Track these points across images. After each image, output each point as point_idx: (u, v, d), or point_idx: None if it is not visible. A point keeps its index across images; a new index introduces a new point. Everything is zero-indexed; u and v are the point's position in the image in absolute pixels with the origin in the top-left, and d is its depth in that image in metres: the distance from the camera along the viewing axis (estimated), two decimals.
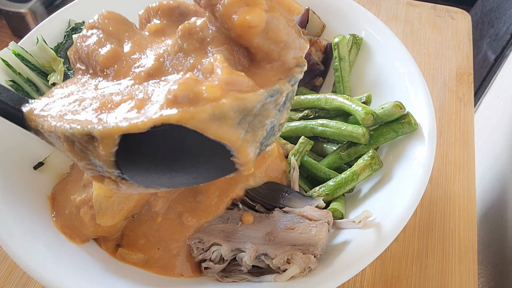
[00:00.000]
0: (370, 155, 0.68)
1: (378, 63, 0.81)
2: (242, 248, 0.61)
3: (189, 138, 0.44)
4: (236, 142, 0.45)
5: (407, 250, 0.77)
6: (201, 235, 0.64)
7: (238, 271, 0.63)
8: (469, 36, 1.08)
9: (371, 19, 0.84)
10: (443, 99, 0.97)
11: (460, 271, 0.75)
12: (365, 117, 0.69)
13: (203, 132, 0.43)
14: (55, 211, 0.67)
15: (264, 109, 0.46)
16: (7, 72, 0.74)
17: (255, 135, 0.47)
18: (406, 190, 0.63)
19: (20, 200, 0.65)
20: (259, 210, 0.68)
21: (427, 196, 0.83)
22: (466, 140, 0.91)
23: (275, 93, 0.46)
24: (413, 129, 0.68)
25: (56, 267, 0.58)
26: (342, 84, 0.82)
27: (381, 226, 0.60)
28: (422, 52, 1.05)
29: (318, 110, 0.78)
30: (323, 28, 0.90)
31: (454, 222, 0.81)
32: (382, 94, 0.78)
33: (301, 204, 0.67)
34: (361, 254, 0.58)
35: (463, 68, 1.02)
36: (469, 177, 0.86)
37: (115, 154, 0.45)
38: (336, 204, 0.68)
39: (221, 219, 0.66)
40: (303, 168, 0.75)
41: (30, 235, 0.60)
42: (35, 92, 0.76)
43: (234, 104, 0.43)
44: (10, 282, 0.72)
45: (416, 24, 1.11)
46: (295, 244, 0.61)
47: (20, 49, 0.76)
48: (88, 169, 0.49)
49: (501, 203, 0.95)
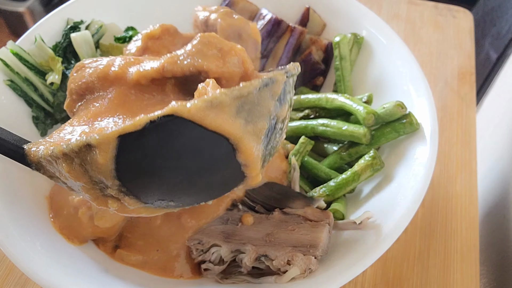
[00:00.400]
0: (371, 155, 0.68)
1: (380, 63, 0.80)
2: (242, 249, 0.61)
3: (188, 132, 0.43)
4: (236, 132, 0.44)
5: (409, 251, 0.77)
6: (201, 236, 0.64)
7: (238, 272, 0.62)
8: (471, 35, 1.08)
9: (372, 18, 0.83)
10: (445, 99, 0.96)
11: (462, 271, 0.75)
12: (366, 117, 0.68)
13: (201, 122, 0.42)
14: (53, 212, 0.66)
15: (262, 98, 0.47)
16: (5, 71, 0.74)
17: (256, 127, 0.46)
18: (408, 190, 0.62)
19: (18, 201, 0.64)
20: (259, 211, 0.68)
21: (428, 197, 0.83)
22: (468, 140, 0.90)
23: (269, 81, 0.47)
24: (415, 129, 0.68)
25: (54, 268, 0.57)
26: (343, 84, 0.82)
27: (382, 227, 0.60)
28: (423, 51, 1.05)
29: (319, 109, 0.78)
30: (324, 27, 0.89)
31: (456, 222, 0.80)
32: (384, 94, 0.77)
33: (302, 205, 0.66)
34: (362, 255, 0.57)
35: (465, 67, 1.02)
36: (471, 177, 0.85)
37: (114, 161, 0.44)
38: (337, 204, 0.68)
39: (221, 220, 0.66)
40: (304, 168, 0.74)
41: (28, 236, 0.60)
42: (33, 91, 0.75)
43: (229, 90, 0.43)
44: (8, 283, 0.72)
45: (418, 23, 1.10)
46: (296, 245, 0.60)
47: (18, 48, 0.75)
48: (89, 189, 0.48)
49: (503, 203, 0.95)
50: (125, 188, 0.47)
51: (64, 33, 0.80)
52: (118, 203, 0.48)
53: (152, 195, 0.48)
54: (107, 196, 0.48)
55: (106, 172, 0.45)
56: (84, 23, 0.83)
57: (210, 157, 0.47)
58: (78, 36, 0.78)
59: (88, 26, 0.83)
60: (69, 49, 0.80)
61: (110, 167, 0.44)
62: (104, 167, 0.44)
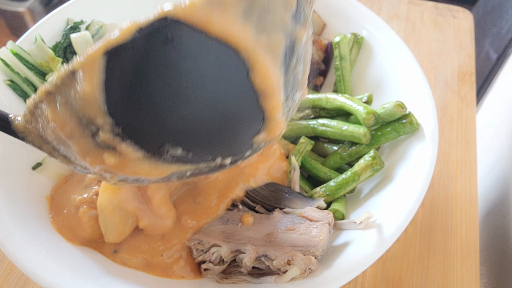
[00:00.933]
0: (372, 155, 0.68)
1: (380, 63, 0.80)
2: (242, 249, 0.61)
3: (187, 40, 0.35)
4: (247, 40, 0.36)
5: (409, 251, 0.77)
6: (201, 236, 0.64)
7: (238, 272, 0.62)
8: (471, 35, 1.08)
9: (372, 18, 0.83)
10: (445, 99, 0.96)
11: (462, 272, 0.75)
12: (366, 117, 0.68)
13: (202, 26, 0.35)
14: (53, 212, 0.66)
15: (273, 3, 0.38)
16: (5, 71, 0.74)
17: (270, 40, 0.38)
18: (408, 190, 0.62)
19: (18, 201, 0.64)
20: (259, 211, 0.68)
21: (428, 197, 0.83)
22: (468, 140, 0.90)
23: None
24: (415, 129, 0.68)
25: (54, 268, 0.57)
26: (343, 84, 0.81)
27: (382, 227, 0.60)
28: (423, 51, 1.05)
29: (319, 109, 0.78)
30: (324, 27, 0.89)
31: (456, 222, 0.80)
32: (384, 94, 0.77)
33: (302, 205, 0.66)
34: (362, 255, 0.57)
35: (465, 67, 1.02)
36: (471, 177, 0.85)
37: (103, 89, 0.37)
38: (337, 204, 0.68)
39: (221, 220, 0.66)
40: (304, 168, 0.74)
41: (28, 235, 0.60)
42: (33, 91, 0.75)
43: None
44: (8, 283, 0.72)
45: (418, 23, 1.10)
46: (296, 245, 0.60)
47: (18, 48, 0.75)
48: (80, 137, 0.41)
49: (503, 203, 0.94)
50: (119, 129, 0.39)
51: (64, 33, 0.80)
52: (115, 156, 0.41)
53: (152, 137, 0.40)
54: (102, 148, 0.41)
55: (95, 106, 0.38)
56: (84, 23, 0.83)
57: (218, 76, 0.38)
58: (78, 37, 0.78)
59: (88, 26, 0.83)
60: (69, 50, 0.80)
61: (98, 97, 0.38)
62: (91, 97, 0.37)
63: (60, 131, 0.41)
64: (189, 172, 0.45)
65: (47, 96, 0.40)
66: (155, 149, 0.41)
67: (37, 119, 0.43)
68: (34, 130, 0.44)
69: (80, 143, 0.41)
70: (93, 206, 0.64)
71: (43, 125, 0.43)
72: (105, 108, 0.38)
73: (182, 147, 0.41)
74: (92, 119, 0.39)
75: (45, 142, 0.45)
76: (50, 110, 0.40)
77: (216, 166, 0.46)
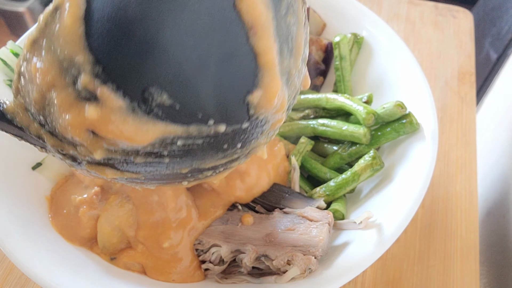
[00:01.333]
0: (371, 155, 0.68)
1: (380, 63, 0.80)
2: (242, 249, 0.61)
3: None
4: None
5: (409, 251, 0.77)
6: (201, 236, 0.64)
7: (238, 272, 0.62)
8: (471, 35, 1.08)
9: (372, 18, 0.83)
10: (445, 99, 0.96)
11: (462, 272, 0.75)
12: (366, 117, 0.68)
13: None
14: (53, 212, 0.66)
15: None
16: (5, 71, 0.74)
17: None
18: (408, 190, 0.62)
19: (18, 201, 0.64)
20: (259, 211, 0.67)
21: (428, 197, 0.83)
22: (468, 140, 0.90)
23: None
24: (415, 129, 0.68)
25: (54, 268, 0.57)
26: (343, 84, 0.81)
27: (382, 227, 0.60)
28: (423, 51, 1.05)
29: (319, 109, 0.78)
30: (324, 27, 0.89)
31: (456, 222, 0.80)
32: (384, 94, 0.77)
33: (302, 205, 0.66)
34: (362, 255, 0.57)
35: (465, 67, 1.02)
36: (471, 177, 0.85)
37: (83, 19, 0.36)
38: (337, 204, 0.68)
39: (221, 220, 0.66)
40: (304, 168, 0.74)
41: (28, 235, 0.60)
42: None
43: None
44: (8, 283, 0.72)
45: (418, 23, 1.10)
46: (296, 245, 0.60)
47: (18, 48, 0.75)
48: (62, 88, 0.39)
49: (503, 203, 0.94)
50: (100, 67, 0.37)
51: None
52: (97, 107, 0.38)
53: (134, 76, 0.37)
54: (83, 100, 0.38)
55: (75, 40, 0.36)
56: None
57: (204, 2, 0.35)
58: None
59: None
60: None
61: (79, 29, 0.36)
62: (72, 30, 0.36)
63: (43, 82, 0.39)
64: (180, 141, 0.40)
65: (32, 44, 0.39)
66: (138, 95, 0.37)
67: (23, 83, 0.41)
68: (20, 105, 0.43)
69: (62, 95, 0.39)
70: (93, 206, 0.64)
71: (29, 88, 0.41)
72: (85, 43, 0.36)
73: (167, 92, 0.37)
74: (72, 57, 0.37)
75: (32, 118, 0.43)
76: (35, 59, 0.39)
77: (210, 134, 0.41)
